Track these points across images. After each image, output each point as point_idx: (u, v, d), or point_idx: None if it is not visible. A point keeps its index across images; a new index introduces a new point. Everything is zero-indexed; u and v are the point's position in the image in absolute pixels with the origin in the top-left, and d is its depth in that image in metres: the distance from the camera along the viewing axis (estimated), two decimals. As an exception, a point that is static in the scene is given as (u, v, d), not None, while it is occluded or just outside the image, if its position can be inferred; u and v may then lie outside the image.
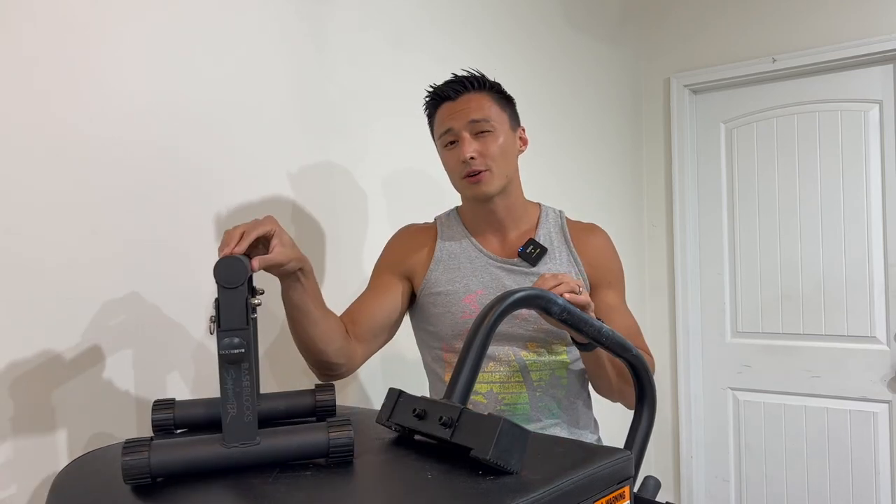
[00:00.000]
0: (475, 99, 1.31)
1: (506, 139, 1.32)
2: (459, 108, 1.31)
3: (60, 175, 1.19)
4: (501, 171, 1.30)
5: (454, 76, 1.35)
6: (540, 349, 1.31)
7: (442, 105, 1.34)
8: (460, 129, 1.29)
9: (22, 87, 1.14)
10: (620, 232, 2.89)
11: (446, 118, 1.32)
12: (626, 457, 0.87)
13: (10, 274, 1.12)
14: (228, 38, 1.46)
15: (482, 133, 1.29)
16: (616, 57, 2.91)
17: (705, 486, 2.97)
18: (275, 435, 0.86)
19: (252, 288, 1.01)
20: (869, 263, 2.60)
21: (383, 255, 1.43)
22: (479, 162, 1.28)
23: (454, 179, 1.34)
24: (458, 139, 1.30)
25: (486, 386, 1.30)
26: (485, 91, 1.33)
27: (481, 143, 1.29)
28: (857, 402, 2.63)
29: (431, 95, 1.36)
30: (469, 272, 1.34)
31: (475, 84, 1.33)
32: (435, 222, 1.44)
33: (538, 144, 2.41)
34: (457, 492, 0.76)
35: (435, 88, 1.35)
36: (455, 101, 1.32)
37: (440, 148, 1.36)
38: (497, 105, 1.33)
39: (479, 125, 1.29)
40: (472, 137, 1.29)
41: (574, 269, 1.35)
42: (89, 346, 1.21)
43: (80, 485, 0.89)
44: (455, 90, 1.32)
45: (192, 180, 1.38)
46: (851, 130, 2.64)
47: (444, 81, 1.35)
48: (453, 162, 1.31)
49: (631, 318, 1.38)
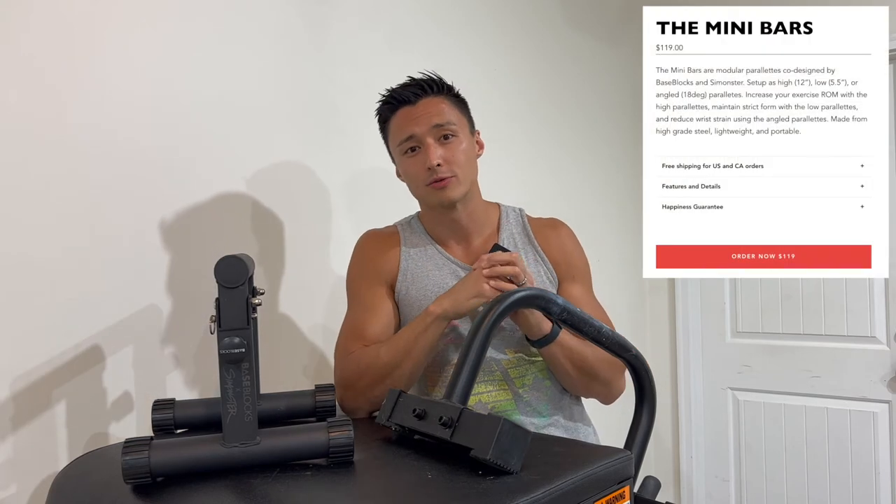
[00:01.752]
0: (435, 103, 1.26)
1: (468, 144, 1.28)
2: (419, 112, 1.25)
3: (60, 175, 1.19)
4: (466, 176, 1.27)
5: (410, 79, 1.30)
6: (518, 353, 1.29)
7: (399, 109, 1.27)
8: (423, 134, 1.24)
9: (21, 87, 1.14)
10: (620, 232, 2.89)
11: (406, 124, 1.26)
12: (626, 457, 0.87)
13: (10, 274, 1.12)
14: (228, 39, 1.46)
15: (446, 138, 1.25)
16: (616, 57, 2.91)
17: (705, 486, 2.97)
18: (275, 435, 0.86)
19: (252, 288, 1.01)
20: (869, 263, 2.60)
21: (358, 267, 1.35)
22: (445, 168, 1.23)
23: (416, 187, 1.29)
24: (420, 145, 1.25)
25: (475, 398, 1.27)
26: (444, 94, 1.28)
27: (446, 148, 1.24)
28: (856, 402, 2.63)
29: (387, 99, 1.29)
30: (438, 279, 1.29)
31: (434, 87, 1.27)
32: (396, 227, 1.39)
33: (538, 144, 2.41)
34: (457, 492, 0.76)
35: (391, 92, 1.29)
36: (414, 105, 1.25)
37: (399, 155, 1.30)
38: (456, 109, 1.29)
39: (442, 129, 1.24)
40: (436, 143, 1.24)
41: (542, 268, 1.33)
42: (89, 346, 1.21)
43: (80, 485, 0.89)
44: (414, 94, 1.26)
45: (193, 180, 1.38)
46: (851, 130, 2.64)
47: (401, 84, 1.29)
48: (415, 169, 1.26)
49: (600, 310, 1.36)
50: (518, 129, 2.30)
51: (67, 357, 1.18)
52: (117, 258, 1.25)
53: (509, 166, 2.17)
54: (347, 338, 1.28)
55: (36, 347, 1.15)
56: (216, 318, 0.85)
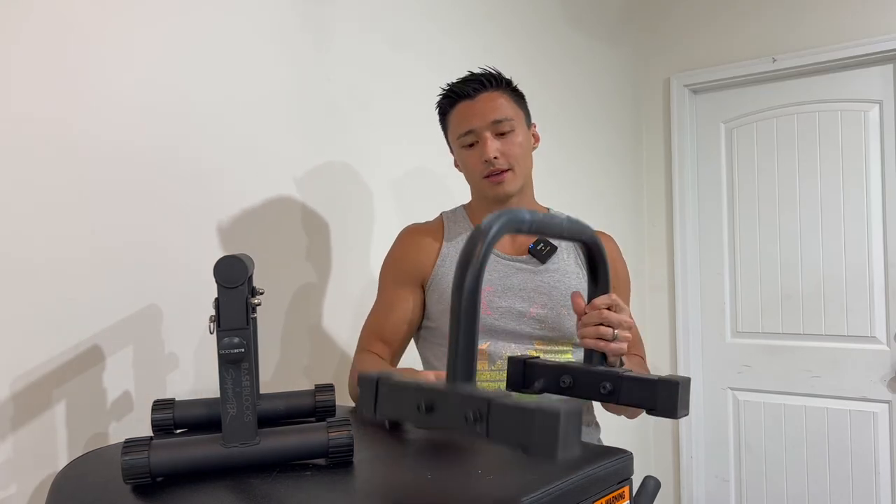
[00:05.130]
0: (494, 97, 1.30)
1: (524, 137, 1.32)
2: (479, 107, 1.29)
3: (60, 175, 1.18)
4: (522, 170, 1.31)
5: (471, 73, 1.33)
6: (546, 347, 1.31)
7: (459, 104, 1.32)
8: (482, 129, 1.28)
9: (20, 87, 1.14)
10: (620, 232, 2.89)
11: (466, 118, 1.30)
12: (626, 457, 0.87)
13: (10, 274, 1.12)
14: (228, 39, 1.46)
15: (503, 134, 1.29)
16: (616, 57, 2.91)
17: (705, 486, 2.97)
18: (275, 435, 0.86)
19: (252, 288, 1.01)
20: (869, 263, 2.60)
21: (391, 260, 1.40)
22: (502, 161, 1.28)
23: (474, 179, 1.34)
24: (479, 139, 1.29)
25: (494, 385, 1.29)
26: (502, 89, 1.32)
27: (503, 142, 1.28)
28: (856, 402, 2.63)
29: (447, 93, 1.34)
30: None
31: (493, 82, 1.31)
32: (441, 218, 1.43)
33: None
34: (457, 492, 0.76)
35: (451, 86, 1.33)
36: (474, 100, 1.30)
37: (458, 148, 1.34)
38: (514, 103, 1.33)
39: (500, 125, 1.28)
40: (494, 138, 1.28)
41: (580, 271, 1.36)
42: (89, 346, 1.21)
43: (80, 485, 0.89)
44: (474, 88, 1.30)
45: (192, 180, 1.38)
46: (851, 130, 2.64)
47: (461, 79, 1.33)
48: (474, 162, 1.30)
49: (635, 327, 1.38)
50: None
51: (67, 357, 1.18)
52: (117, 258, 1.25)
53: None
54: (365, 331, 1.36)
55: (36, 347, 1.15)
56: (216, 318, 0.85)
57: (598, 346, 1.00)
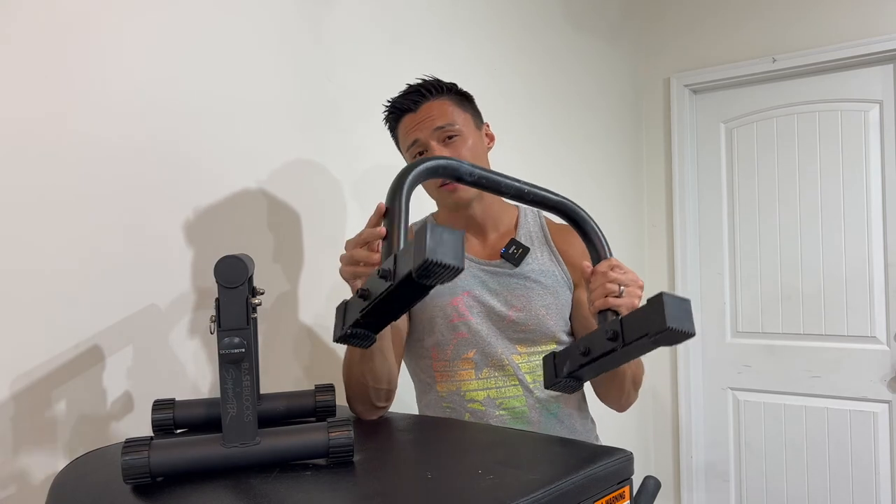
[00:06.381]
0: (436, 106, 1.28)
1: (474, 140, 1.30)
2: (421, 117, 1.27)
3: (59, 174, 1.18)
4: None
5: (409, 86, 1.32)
6: (530, 349, 1.31)
7: (403, 118, 1.31)
8: (427, 138, 1.26)
9: (18, 86, 1.14)
10: (621, 232, 2.89)
11: (410, 130, 1.29)
12: (626, 457, 0.87)
13: (10, 273, 1.12)
14: (228, 37, 1.46)
15: (450, 139, 1.27)
16: (616, 56, 2.91)
17: (705, 486, 2.97)
18: (275, 435, 0.86)
19: (252, 288, 1.01)
20: (869, 263, 2.60)
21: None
22: None
23: (429, 190, 1.32)
24: (426, 149, 1.27)
25: (483, 393, 1.29)
26: (444, 95, 1.30)
27: (451, 149, 1.26)
28: (857, 402, 2.63)
29: (390, 109, 1.33)
30: None
31: (433, 90, 1.29)
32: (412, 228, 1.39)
33: (538, 144, 2.41)
34: (456, 492, 0.76)
35: (392, 101, 1.32)
36: (416, 111, 1.28)
37: (409, 161, 1.32)
38: (458, 107, 1.31)
39: (444, 131, 1.27)
40: (440, 145, 1.26)
41: (557, 269, 1.35)
42: (89, 346, 1.21)
43: (80, 485, 0.89)
44: (414, 101, 1.29)
45: (192, 178, 1.38)
46: (851, 130, 2.64)
47: (401, 93, 1.32)
48: None
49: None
50: (522, 125, 2.30)
51: (67, 357, 1.18)
52: (117, 258, 1.25)
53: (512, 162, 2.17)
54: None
55: (36, 347, 1.15)
56: (216, 318, 0.85)
57: (609, 303, 1.02)
